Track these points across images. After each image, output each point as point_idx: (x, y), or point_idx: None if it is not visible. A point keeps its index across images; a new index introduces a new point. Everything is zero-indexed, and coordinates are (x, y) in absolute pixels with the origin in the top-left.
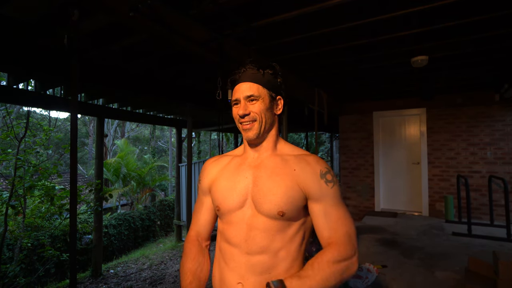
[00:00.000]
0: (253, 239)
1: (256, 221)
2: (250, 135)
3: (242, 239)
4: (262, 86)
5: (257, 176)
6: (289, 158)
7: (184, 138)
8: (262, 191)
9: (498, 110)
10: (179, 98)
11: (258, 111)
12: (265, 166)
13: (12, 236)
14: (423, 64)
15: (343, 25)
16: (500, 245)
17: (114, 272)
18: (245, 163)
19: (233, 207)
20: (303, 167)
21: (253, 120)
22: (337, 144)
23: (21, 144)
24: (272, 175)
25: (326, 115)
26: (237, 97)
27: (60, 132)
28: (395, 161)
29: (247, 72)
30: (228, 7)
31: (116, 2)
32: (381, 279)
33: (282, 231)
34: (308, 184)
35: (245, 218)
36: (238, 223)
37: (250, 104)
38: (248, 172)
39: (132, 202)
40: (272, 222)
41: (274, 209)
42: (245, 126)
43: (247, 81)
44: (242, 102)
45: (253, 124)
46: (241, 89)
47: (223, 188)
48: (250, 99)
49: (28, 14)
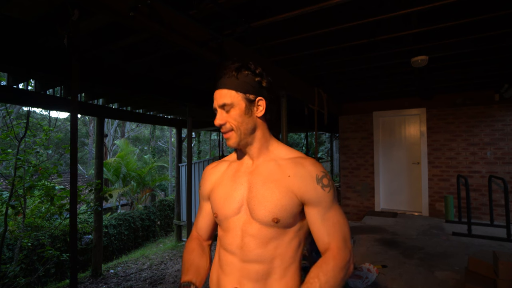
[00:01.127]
0: (248, 246)
1: (251, 228)
2: (230, 143)
3: (237, 246)
4: (236, 91)
5: (252, 183)
6: (284, 163)
7: (184, 138)
8: (256, 198)
9: (498, 110)
10: (179, 98)
11: (232, 120)
12: (260, 172)
13: (12, 236)
14: (423, 64)
15: (343, 25)
16: (500, 245)
17: (114, 272)
18: (240, 169)
19: (229, 214)
20: (299, 171)
21: (229, 129)
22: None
23: (21, 144)
24: (267, 181)
25: (326, 115)
26: (214, 107)
27: (60, 132)
28: (395, 161)
29: (222, 77)
30: (228, 6)
31: (116, 2)
32: (381, 279)
33: (277, 238)
34: (304, 189)
35: (240, 225)
36: (234, 230)
37: (225, 112)
38: (243, 179)
39: (132, 202)
40: (267, 229)
41: (269, 216)
42: (225, 135)
43: (221, 88)
44: (218, 111)
45: (231, 134)
46: (216, 97)
47: (221, 195)
48: (224, 108)
49: (28, 14)
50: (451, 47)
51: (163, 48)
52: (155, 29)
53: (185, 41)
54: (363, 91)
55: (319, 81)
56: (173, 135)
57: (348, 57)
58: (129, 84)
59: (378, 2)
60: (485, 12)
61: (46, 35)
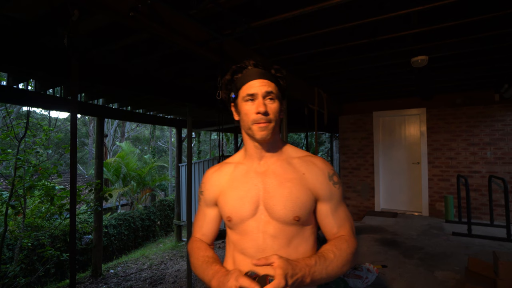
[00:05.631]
0: (271, 248)
1: (271, 228)
2: (264, 134)
3: (259, 249)
4: (277, 86)
5: (267, 183)
6: (295, 162)
7: (184, 138)
8: (275, 197)
9: (498, 110)
10: (179, 98)
11: (274, 111)
12: (273, 172)
13: (12, 236)
14: (423, 64)
15: (343, 25)
16: (500, 245)
17: (114, 272)
18: (251, 170)
19: (245, 216)
20: (312, 170)
21: (269, 120)
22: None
23: (21, 144)
24: (283, 181)
25: (326, 115)
26: (254, 92)
27: (60, 132)
28: (395, 161)
29: (258, 70)
30: (228, 6)
31: (116, 2)
32: (381, 279)
33: (297, 236)
34: (319, 186)
35: (260, 227)
36: (252, 232)
37: (268, 102)
38: (256, 179)
39: (132, 202)
40: (288, 228)
41: (290, 215)
42: (261, 125)
43: (264, 78)
44: (260, 99)
45: (268, 125)
46: (257, 84)
47: (233, 198)
48: (270, 97)
49: (28, 14)
50: (451, 47)
51: (163, 48)
52: (155, 29)
53: (185, 41)
54: (363, 91)
55: (319, 81)
56: (173, 135)
57: (348, 57)
58: (129, 84)
59: (378, 2)
60: (485, 12)
61: (46, 35)
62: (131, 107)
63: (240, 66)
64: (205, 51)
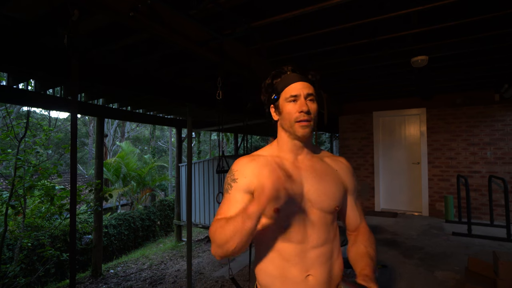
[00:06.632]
0: (317, 234)
1: (316, 217)
2: (305, 132)
3: (305, 236)
4: (316, 90)
5: (308, 177)
6: (327, 160)
7: (184, 138)
8: (319, 189)
9: (498, 110)
10: (179, 98)
11: (314, 111)
12: (312, 167)
13: (12, 236)
14: (423, 64)
15: (343, 25)
16: (500, 245)
17: (114, 272)
18: (286, 164)
19: (292, 208)
20: (342, 166)
21: (310, 119)
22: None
23: (21, 144)
24: (323, 175)
25: (326, 115)
26: (297, 93)
27: (60, 132)
28: (395, 161)
29: (297, 74)
30: (228, 6)
31: (116, 2)
32: (381, 279)
33: (332, 222)
34: (348, 181)
35: (305, 217)
36: (297, 222)
37: (309, 103)
38: (296, 172)
39: (132, 202)
40: (329, 216)
41: (333, 205)
42: (304, 123)
43: (305, 81)
44: (302, 100)
45: (309, 123)
46: (299, 87)
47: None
48: (310, 98)
49: (28, 14)
50: (451, 47)
51: (163, 48)
52: (155, 29)
53: (185, 41)
54: (363, 91)
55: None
56: (173, 135)
57: (348, 57)
58: (129, 84)
59: (378, 2)
60: (485, 12)
61: (46, 35)
62: (131, 107)
63: (279, 71)
64: (205, 51)
